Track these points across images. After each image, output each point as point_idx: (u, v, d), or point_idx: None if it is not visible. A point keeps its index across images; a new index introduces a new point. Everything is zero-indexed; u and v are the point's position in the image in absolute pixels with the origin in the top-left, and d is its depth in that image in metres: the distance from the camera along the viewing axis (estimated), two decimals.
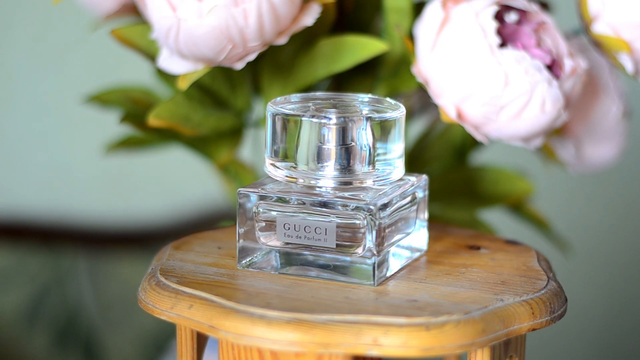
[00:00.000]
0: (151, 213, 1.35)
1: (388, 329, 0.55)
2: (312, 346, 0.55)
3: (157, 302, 0.59)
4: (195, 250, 0.65)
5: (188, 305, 0.58)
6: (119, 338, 1.29)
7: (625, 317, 1.42)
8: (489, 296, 0.59)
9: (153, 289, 0.60)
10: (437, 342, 0.55)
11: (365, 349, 0.55)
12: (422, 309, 0.57)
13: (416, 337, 0.55)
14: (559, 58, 0.67)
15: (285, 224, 0.61)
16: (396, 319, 0.56)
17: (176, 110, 0.70)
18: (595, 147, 0.74)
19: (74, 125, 1.34)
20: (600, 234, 1.39)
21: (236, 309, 0.57)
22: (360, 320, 0.56)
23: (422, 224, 0.65)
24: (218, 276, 0.61)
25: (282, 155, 0.62)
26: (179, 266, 0.63)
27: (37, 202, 1.35)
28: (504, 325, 0.58)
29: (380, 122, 0.61)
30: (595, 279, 1.40)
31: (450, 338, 0.55)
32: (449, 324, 0.56)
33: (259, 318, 0.56)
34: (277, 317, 0.56)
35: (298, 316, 0.56)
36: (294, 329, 0.55)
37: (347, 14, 0.75)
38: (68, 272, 1.30)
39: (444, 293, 0.60)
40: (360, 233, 0.60)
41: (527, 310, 0.59)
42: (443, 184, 0.77)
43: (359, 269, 0.60)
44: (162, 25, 0.65)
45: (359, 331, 0.55)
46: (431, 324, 0.55)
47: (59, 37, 1.33)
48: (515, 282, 0.61)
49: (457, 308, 0.57)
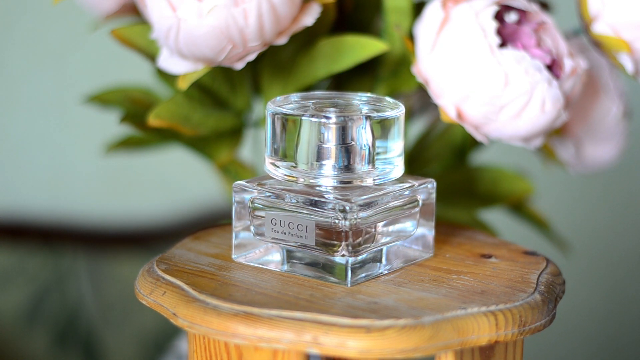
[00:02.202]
0: (151, 213, 1.35)
1: (329, 328, 0.55)
2: (254, 339, 0.56)
3: (142, 287, 0.61)
4: (210, 240, 0.67)
5: (162, 292, 0.60)
6: (119, 338, 1.29)
7: (625, 317, 1.42)
8: (453, 304, 0.58)
9: (144, 275, 0.62)
10: (375, 345, 0.55)
11: (305, 347, 0.55)
12: (375, 311, 0.57)
13: (355, 338, 0.55)
14: (559, 58, 0.67)
15: (273, 219, 0.61)
16: (340, 319, 0.56)
17: (176, 110, 0.70)
18: (595, 147, 0.74)
19: (74, 125, 1.34)
20: (600, 234, 1.39)
21: (197, 298, 0.58)
22: (306, 317, 0.56)
23: (427, 227, 0.65)
24: (207, 267, 0.63)
25: (282, 155, 0.62)
26: (180, 255, 0.64)
27: (37, 202, 1.35)
28: (458, 335, 0.56)
29: (379, 120, 0.61)
30: (595, 279, 1.40)
31: (391, 342, 0.55)
32: (393, 328, 0.55)
33: (212, 309, 0.57)
34: (228, 309, 0.57)
35: (248, 309, 0.57)
36: (239, 321, 0.56)
37: (347, 14, 0.75)
38: (68, 272, 1.30)
39: (410, 298, 0.59)
40: (339, 232, 0.60)
41: (490, 322, 0.57)
42: (443, 184, 0.77)
43: (332, 268, 0.61)
44: (162, 25, 0.65)
45: (301, 328, 0.55)
46: (373, 326, 0.55)
47: (59, 37, 1.33)
48: (495, 293, 0.60)
49: (410, 313, 0.57)
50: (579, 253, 1.11)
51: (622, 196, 1.39)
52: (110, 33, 0.70)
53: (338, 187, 0.61)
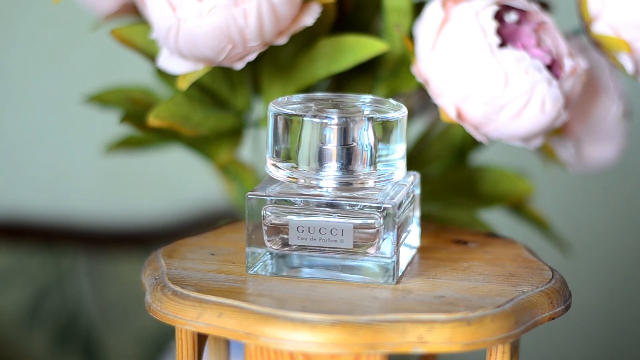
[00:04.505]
0: (151, 213, 1.35)
1: (432, 325, 0.55)
2: (359, 347, 0.55)
3: (178, 312, 0.58)
4: (188, 257, 0.64)
5: (217, 314, 0.57)
6: (119, 338, 1.29)
7: (625, 317, 1.42)
8: (508, 288, 0.60)
9: (171, 298, 0.59)
10: (479, 336, 0.56)
11: (411, 347, 0.55)
12: (454, 304, 0.57)
13: (460, 332, 0.55)
14: (559, 58, 0.67)
15: (299, 227, 0.60)
16: (437, 315, 0.56)
17: (176, 110, 0.70)
18: (595, 147, 0.74)
19: (74, 125, 1.34)
20: (600, 234, 1.39)
21: (273, 314, 0.56)
22: (402, 319, 0.56)
23: (417, 220, 0.66)
24: (232, 282, 0.60)
25: (284, 156, 0.62)
26: (186, 274, 0.61)
27: (37, 202, 1.35)
28: (530, 316, 0.58)
29: (382, 122, 0.61)
30: (595, 279, 1.40)
31: (490, 331, 0.56)
32: (487, 317, 0.56)
33: (300, 322, 0.55)
34: (319, 320, 0.55)
35: (340, 318, 0.55)
36: (340, 331, 0.55)
37: (347, 14, 0.75)
38: (68, 272, 1.30)
39: (463, 288, 0.60)
40: (373, 233, 0.60)
41: (547, 300, 0.60)
42: (443, 184, 0.77)
43: (370, 269, 0.60)
44: (162, 25, 0.65)
45: (404, 330, 0.55)
46: (470, 318, 0.56)
47: (59, 37, 1.33)
48: (523, 274, 0.62)
49: (487, 302, 0.58)
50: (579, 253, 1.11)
51: (622, 196, 1.39)
52: (110, 33, 0.70)
53: (340, 189, 0.61)
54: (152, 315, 0.59)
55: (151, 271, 0.63)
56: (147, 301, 0.60)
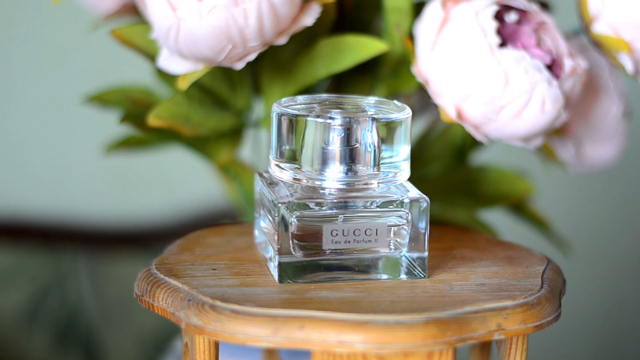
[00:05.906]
0: (151, 213, 1.35)
1: (508, 312, 0.57)
2: (452, 342, 0.55)
3: (248, 330, 0.55)
4: (196, 275, 0.61)
5: (297, 327, 0.55)
6: (119, 338, 1.29)
7: (625, 317, 1.42)
8: (523, 269, 0.62)
9: (233, 318, 0.55)
10: (542, 317, 0.58)
11: (492, 335, 0.56)
12: (503, 289, 0.59)
13: (529, 315, 0.57)
14: (559, 58, 0.67)
15: (333, 231, 0.60)
16: (504, 302, 0.57)
17: (176, 110, 0.70)
18: (595, 147, 0.74)
19: (74, 125, 1.34)
20: (600, 234, 1.39)
21: (364, 320, 0.55)
22: (479, 309, 0.57)
23: None
24: (274, 294, 0.58)
25: (288, 156, 0.61)
26: (222, 291, 0.58)
27: (37, 202, 1.35)
28: (558, 299, 0.60)
29: (385, 123, 0.61)
30: (595, 279, 1.40)
31: (547, 313, 0.58)
32: (542, 299, 0.58)
33: (394, 324, 0.55)
34: (411, 320, 0.55)
35: (429, 315, 0.56)
36: (435, 327, 0.55)
37: (347, 14, 0.75)
38: (68, 272, 1.30)
39: (489, 273, 0.62)
40: (406, 229, 0.60)
41: (560, 278, 0.63)
42: (443, 184, 0.77)
43: (402, 265, 0.61)
44: (162, 25, 0.65)
45: (484, 319, 0.56)
46: (530, 302, 0.58)
47: (59, 37, 1.33)
48: (522, 258, 0.64)
49: (528, 284, 0.60)
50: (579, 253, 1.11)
51: (622, 196, 1.39)
52: (110, 33, 0.70)
53: (343, 190, 0.61)
54: (212, 337, 0.56)
55: (169, 294, 0.59)
56: (196, 324, 0.56)
